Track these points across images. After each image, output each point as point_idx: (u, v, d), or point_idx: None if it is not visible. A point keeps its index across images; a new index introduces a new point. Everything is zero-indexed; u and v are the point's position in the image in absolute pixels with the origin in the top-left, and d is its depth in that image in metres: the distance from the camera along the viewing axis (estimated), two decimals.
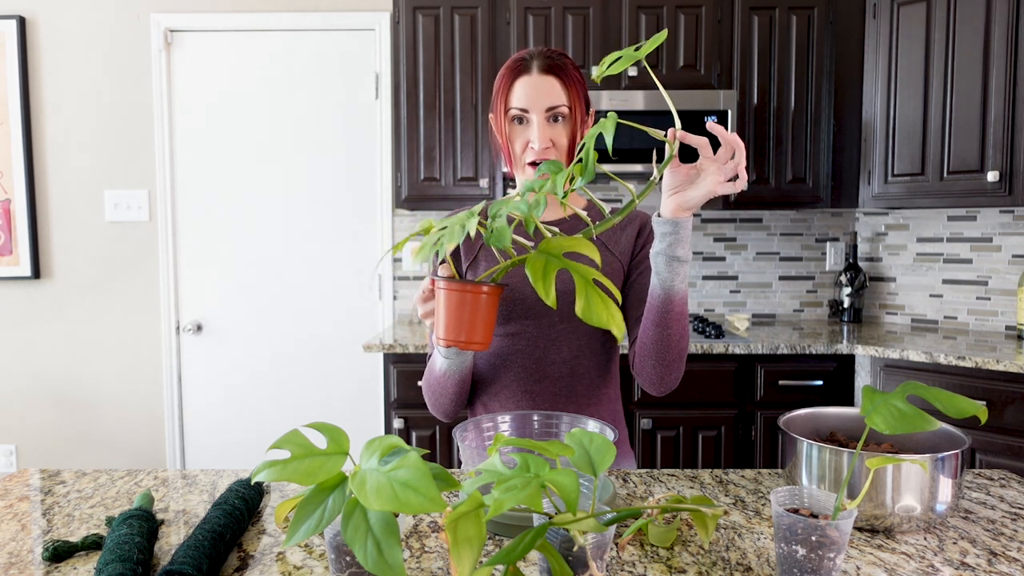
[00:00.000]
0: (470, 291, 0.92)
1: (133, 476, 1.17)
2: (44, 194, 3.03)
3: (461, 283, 0.91)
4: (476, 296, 0.92)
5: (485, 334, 0.94)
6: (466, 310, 0.92)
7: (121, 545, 0.80)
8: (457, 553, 0.59)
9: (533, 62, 1.20)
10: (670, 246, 1.06)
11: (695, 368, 2.48)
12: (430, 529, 0.93)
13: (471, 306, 0.92)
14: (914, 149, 2.56)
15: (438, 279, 0.94)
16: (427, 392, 1.27)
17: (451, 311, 0.92)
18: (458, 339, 0.93)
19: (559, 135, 1.20)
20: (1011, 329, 2.73)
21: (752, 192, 2.73)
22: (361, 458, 0.65)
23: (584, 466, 0.71)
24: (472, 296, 0.92)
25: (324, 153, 3.03)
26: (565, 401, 1.27)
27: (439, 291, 0.94)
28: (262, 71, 3.00)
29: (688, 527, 0.93)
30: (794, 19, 2.69)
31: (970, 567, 0.83)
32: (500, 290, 0.94)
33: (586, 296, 0.79)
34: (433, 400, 1.26)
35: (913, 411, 0.77)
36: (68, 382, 3.10)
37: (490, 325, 0.94)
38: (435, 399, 1.26)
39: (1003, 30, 2.36)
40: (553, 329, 1.25)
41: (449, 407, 1.26)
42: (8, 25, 2.95)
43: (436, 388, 1.24)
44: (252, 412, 3.11)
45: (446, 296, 0.92)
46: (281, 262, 3.06)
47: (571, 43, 2.67)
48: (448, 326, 0.93)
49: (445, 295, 0.93)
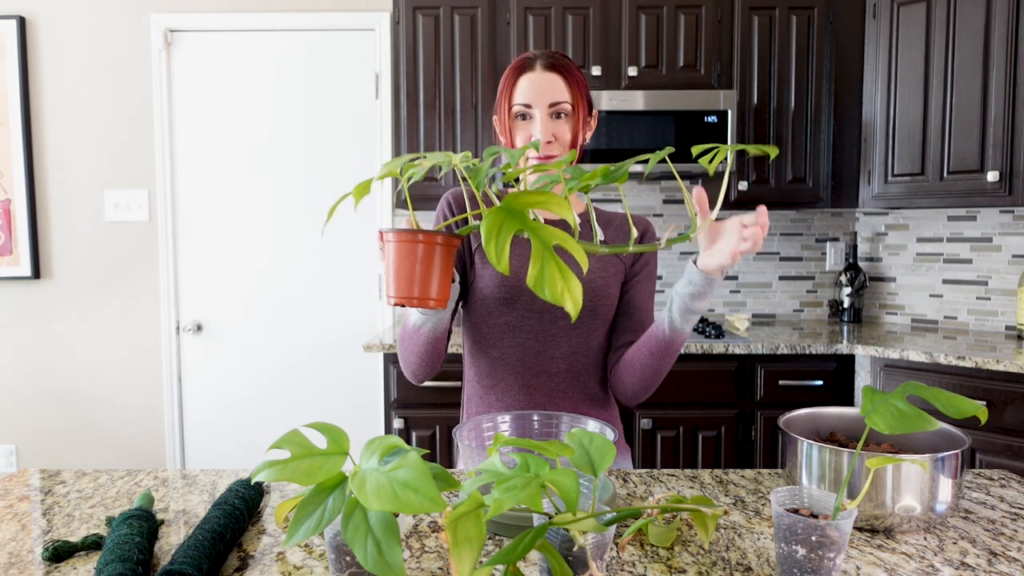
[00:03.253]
0: (422, 241, 0.81)
1: (133, 476, 1.17)
2: (44, 194, 3.03)
3: (411, 232, 0.81)
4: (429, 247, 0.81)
5: (441, 291, 0.84)
6: (418, 263, 0.81)
7: (121, 545, 0.80)
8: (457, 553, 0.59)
9: (537, 60, 1.22)
10: (693, 298, 1.09)
11: (695, 368, 2.48)
12: (430, 529, 0.93)
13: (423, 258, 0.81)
14: (914, 149, 2.56)
15: (386, 231, 0.84)
16: (399, 347, 1.22)
17: (400, 264, 0.82)
18: (410, 295, 0.82)
19: (562, 131, 1.21)
20: (1011, 329, 2.73)
21: (752, 192, 2.72)
22: (361, 458, 0.65)
23: (584, 466, 0.71)
24: (425, 247, 0.81)
25: (324, 153, 3.03)
26: (562, 397, 1.27)
27: (388, 244, 0.83)
28: (262, 71, 3.00)
29: (688, 527, 0.93)
30: (794, 19, 2.69)
31: (970, 567, 0.83)
32: (458, 241, 0.84)
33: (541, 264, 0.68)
34: (403, 355, 1.22)
35: (913, 411, 0.77)
36: (68, 382, 3.10)
37: (446, 280, 0.84)
38: (404, 354, 1.21)
39: (1003, 30, 2.36)
40: (554, 325, 1.25)
41: (417, 365, 1.20)
42: (8, 25, 2.95)
43: (407, 342, 1.19)
44: (252, 412, 3.11)
45: (395, 249, 0.82)
46: (281, 262, 3.06)
47: (571, 43, 2.67)
48: (398, 282, 0.82)
49: (395, 248, 0.82)
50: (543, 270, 0.68)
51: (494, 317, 1.25)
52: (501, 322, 1.25)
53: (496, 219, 0.70)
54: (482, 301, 1.26)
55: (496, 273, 1.24)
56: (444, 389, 2.51)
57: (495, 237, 0.68)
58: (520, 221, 0.70)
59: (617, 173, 0.77)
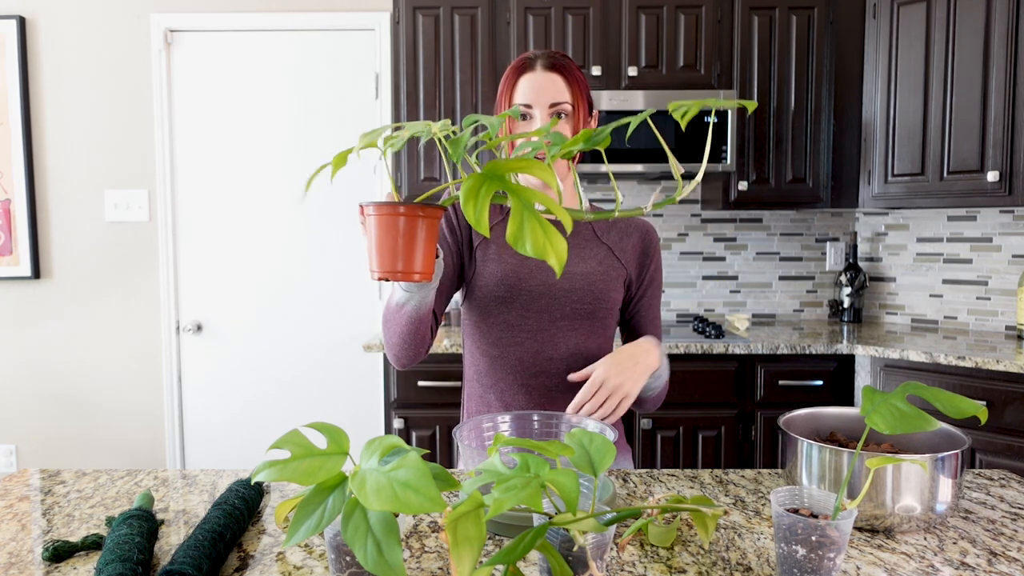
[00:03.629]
0: (404, 213, 0.80)
1: (133, 476, 1.17)
2: (44, 194, 3.03)
3: (392, 204, 0.80)
4: (411, 219, 0.80)
5: (425, 263, 0.82)
6: (400, 236, 0.80)
7: (121, 545, 0.80)
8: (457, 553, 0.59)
9: (538, 60, 1.21)
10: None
11: (695, 368, 2.48)
12: (430, 529, 0.93)
13: (406, 231, 0.80)
14: (914, 149, 2.56)
15: (366, 204, 0.82)
16: (383, 328, 1.21)
17: (382, 238, 0.80)
18: (394, 269, 0.81)
19: (563, 131, 1.21)
20: (1011, 329, 2.73)
21: (752, 192, 2.73)
22: (361, 458, 0.65)
23: (584, 466, 0.71)
24: (407, 220, 0.80)
25: (324, 153, 3.03)
26: (561, 397, 1.26)
27: (369, 218, 0.82)
28: (262, 71, 3.00)
29: (688, 527, 0.93)
30: (794, 19, 2.69)
31: (970, 567, 0.83)
32: (440, 212, 0.83)
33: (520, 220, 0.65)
34: (387, 336, 1.20)
35: (913, 411, 0.77)
36: (68, 382, 3.10)
37: (430, 253, 0.82)
38: (387, 335, 1.19)
39: (1003, 30, 2.36)
40: (553, 325, 1.25)
41: (399, 347, 1.18)
42: (8, 25, 2.95)
43: (389, 321, 1.17)
44: (252, 412, 3.11)
45: (376, 223, 0.81)
46: (281, 262, 3.06)
47: (571, 43, 2.67)
48: (381, 256, 0.81)
49: (376, 221, 0.81)
50: (523, 225, 0.65)
51: (493, 316, 1.25)
52: (500, 321, 1.25)
53: (476, 181, 0.66)
54: (482, 300, 1.26)
55: (496, 271, 1.24)
56: (444, 389, 2.51)
57: (474, 198, 0.65)
58: (500, 183, 0.67)
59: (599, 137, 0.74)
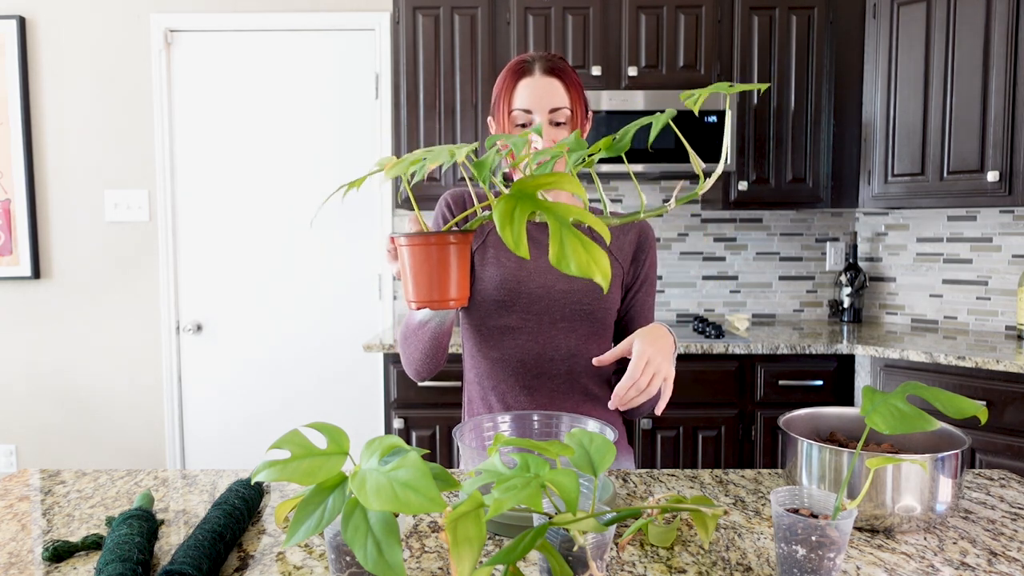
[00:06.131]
0: (435, 243, 0.80)
1: (133, 476, 1.17)
2: (44, 194, 3.03)
3: (424, 235, 0.80)
4: (443, 248, 0.80)
5: (460, 289, 0.82)
6: (434, 265, 0.80)
7: (121, 545, 0.80)
8: (457, 553, 0.59)
9: (535, 64, 1.21)
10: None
11: (695, 368, 2.48)
12: (430, 529, 0.93)
13: (439, 260, 0.80)
14: (914, 149, 2.56)
15: (397, 235, 0.82)
16: (401, 343, 1.23)
17: (418, 268, 0.81)
18: (431, 299, 0.81)
19: (562, 136, 1.21)
20: (1011, 329, 2.73)
21: (752, 192, 2.73)
22: (361, 458, 0.65)
23: (584, 466, 0.71)
24: (438, 248, 0.80)
25: (324, 153, 3.03)
26: (563, 398, 1.27)
27: (401, 249, 0.82)
28: (262, 71, 3.00)
29: (688, 527, 0.93)
30: (794, 19, 2.69)
31: (970, 567, 0.83)
32: (469, 237, 0.83)
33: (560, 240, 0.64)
34: (407, 352, 1.22)
35: (913, 411, 0.77)
36: (68, 382, 3.10)
37: (464, 278, 0.83)
38: (408, 351, 1.22)
39: (1003, 30, 2.36)
40: (554, 327, 1.25)
41: (421, 363, 1.21)
42: (8, 25, 2.95)
43: (410, 338, 1.19)
44: (252, 412, 3.11)
45: (410, 253, 0.81)
46: (281, 262, 3.06)
47: (571, 43, 2.67)
48: (417, 286, 0.81)
49: (409, 252, 0.81)
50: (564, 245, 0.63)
51: (493, 319, 1.25)
52: (500, 324, 1.25)
53: (508, 204, 0.66)
54: (481, 303, 1.26)
55: (495, 275, 1.24)
56: (444, 389, 2.51)
57: (510, 222, 0.64)
58: (532, 203, 0.66)
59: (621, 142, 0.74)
